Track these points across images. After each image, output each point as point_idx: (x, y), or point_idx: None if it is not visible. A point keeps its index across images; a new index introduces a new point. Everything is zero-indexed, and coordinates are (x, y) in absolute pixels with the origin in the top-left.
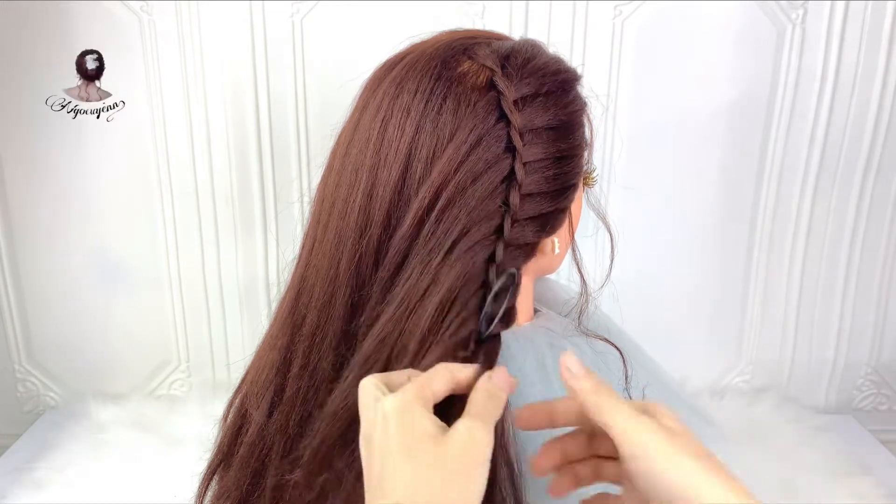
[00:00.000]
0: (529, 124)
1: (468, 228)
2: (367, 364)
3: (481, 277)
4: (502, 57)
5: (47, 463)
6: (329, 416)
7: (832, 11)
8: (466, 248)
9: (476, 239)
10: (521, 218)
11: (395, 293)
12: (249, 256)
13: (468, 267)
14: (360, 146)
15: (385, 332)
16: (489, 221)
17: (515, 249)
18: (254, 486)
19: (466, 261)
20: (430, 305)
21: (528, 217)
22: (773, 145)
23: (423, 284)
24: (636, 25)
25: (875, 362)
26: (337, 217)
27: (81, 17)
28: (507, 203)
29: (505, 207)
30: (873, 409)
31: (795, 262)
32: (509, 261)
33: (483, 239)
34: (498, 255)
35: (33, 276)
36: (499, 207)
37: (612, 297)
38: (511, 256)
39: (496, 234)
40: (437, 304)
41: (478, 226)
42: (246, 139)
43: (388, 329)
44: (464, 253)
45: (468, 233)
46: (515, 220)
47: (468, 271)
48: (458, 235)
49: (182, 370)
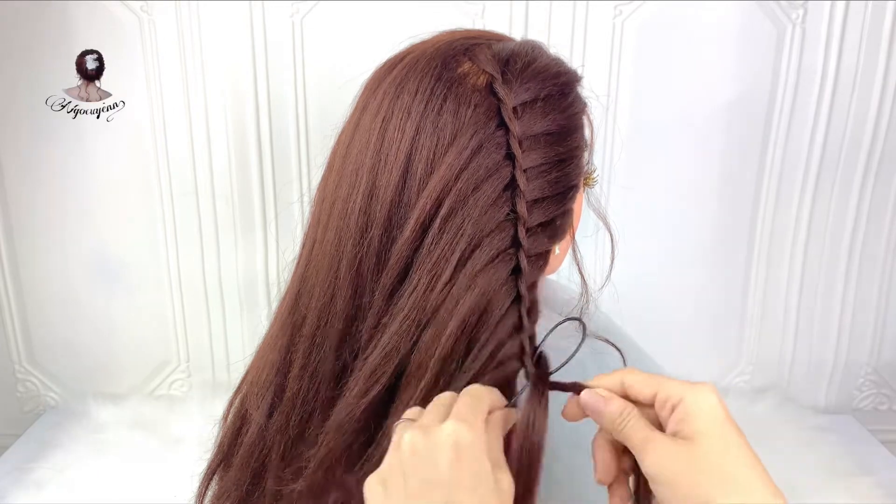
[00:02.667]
0: (528, 131)
1: (479, 241)
2: (373, 377)
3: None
4: (502, 61)
5: (47, 463)
6: (334, 428)
7: (832, 11)
8: (485, 264)
9: (493, 254)
10: (531, 225)
11: (401, 305)
12: (249, 256)
13: (492, 284)
14: (360, 146)
15: (392, 346)
16: (501, 233)
17: (535, 260)
18: (254, 486)
19: (489, 277)
20: (451, 324)
21: (539, 224)
22: (773, 145)
23: (436, 299)
24: (636, 25)
25: (875, 362)
26: (337, 217)
27: (81, 17)
28: (515, 212)
29: (514, 216)
30: (873, 409)
31: (795, 262)
32: (532, 272)
33: (501, 253)
34: (524, 267)
35: (33, 276)
36: (507, 217)
37: (613, 297)
38: (532, 268)
39: (513, 247)
40: (460, 323)
41: (489, 238)
42: (246, 139)
43: (395, 342)
44: (482, 269)
45: (479, 246)
46: (528, 228)
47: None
48: (467, 247)
49: (182, 370)
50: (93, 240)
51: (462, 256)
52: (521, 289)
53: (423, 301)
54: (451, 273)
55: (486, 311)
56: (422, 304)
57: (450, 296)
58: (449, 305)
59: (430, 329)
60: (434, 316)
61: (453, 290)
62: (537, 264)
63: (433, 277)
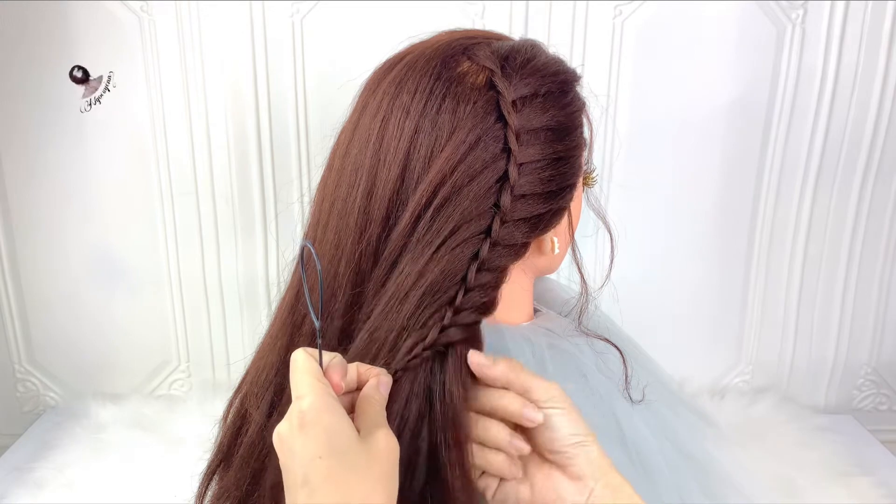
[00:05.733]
0: (527, 125)
1: (458, 226)
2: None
3: (462, 274)
4: (502, 57)
5: (47, 463)
6: None
7: (832, 11)
8: (454, 246)
9: (464, 237)
10: (511, 219)
11: (387, 288)
12: (249, 256)
13: (452, 263)
14: (359, 146)
15: (374, 327)
16: (479, 221)
17: (503, 248)
18: (254, 486)
19: (451, 257)
20: (413, 299)
21: (520, 218)
22: (773, 145)
23: (411, 280)
24: (636, 25)
25: (875, 362)
26: (337, 217)
27: (81, 17)
28: (498, 204)
29: (496, 209)
30: (873, 409)
31: (795, 262)
32: (494, 259)
33: (470, 237)
34: (482, 253)
35: (33, 276)
36: (490, 207)
37: (612, 297)
38: (497, 255)
39: (484, 234)
40: (418, 299)
41: (467, 224)
42: (246, 139)
43: (378, 323)
44: (450, 251)
45: (457, 231)
46: (504, 220)
47: (450, 268)
48: (449, 233)
49: (182, 370)
50: (93, 240)
51: (443, 240)
52: (470, 272)
53: (404, 283)
54: (431, 254)
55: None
56: (402, 286)
57: (421, 273)
58: (418, 282)
59: (403, 304)
60: (409, 292)
61: (427, 266)
62: (508, 252)
63: (416, 262)
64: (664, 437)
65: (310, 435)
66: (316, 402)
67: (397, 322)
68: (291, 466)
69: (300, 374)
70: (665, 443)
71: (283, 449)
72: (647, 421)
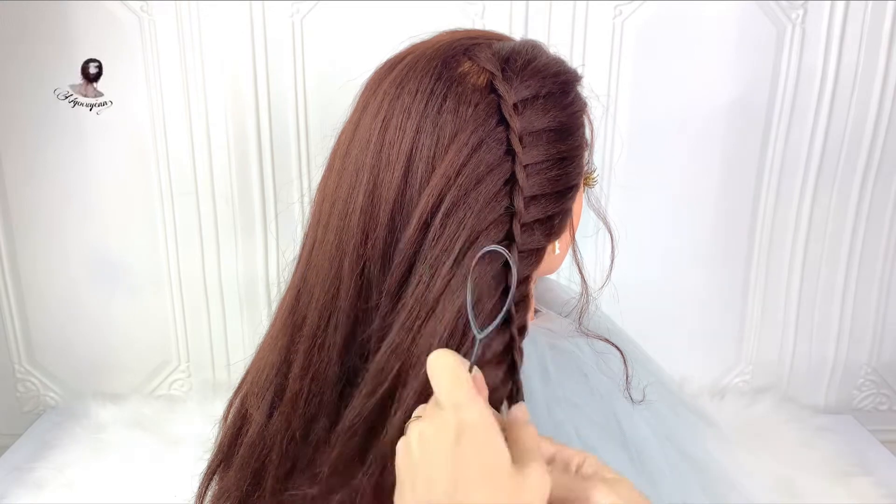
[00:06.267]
0: (529, 127)
1: (477, 234)
2: (379, 376)
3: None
4: (502, 59)
5: (47, 463)
6: (345, 430)
7: (832, 11)
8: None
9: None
10: (527, 221)
11: (405, 301)
12: (249, 256)
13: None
14: (360, 146)
15: (396, 342)
16: (498, 227)
17: (527, 255)
18: (254, 486)
19: (482, 270)
20: (447, 316)
21: (535, 220)
22: (773, 145)
23: (435, 292)
24: (636, 25)
25: (875, 362)
26: (337, 217)
27: (81, 17)
28: (513, 206)
29: (511, 211)
30: (873, 409)
31: (795, 262)
32: (523, 267)
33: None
34: (512, 261)
35: (33, 276)
36: (505, 211)
37: (613, 297)
38: (524, 264)
39: (507, 240)
40: (455, 315)
41: (486, 231)
42: (246, 139)
43: (400, 338)
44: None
45: (478, 239)
46: (523, 223)
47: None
48: (466, 240)
49: (182, 370)
50: (93, 240)
51: (462, 249)
52: (511, 281)
53: (425, 295)
54: (451, 266)
55: (478, 303)
56: (424, 297)
57: (448, 288)
58: (447, 297)
59: (429, 322)
60: (434, 309)
61: (451, 283)
62: (529, 260)
63: (435, 271)
64: (665, 437)
65: (467, 450)
66: (481, 418)
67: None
68: (432, 476)
69: (458, 380)
70: (666, 443)
71: (425, 455)
72: (648, 421)
